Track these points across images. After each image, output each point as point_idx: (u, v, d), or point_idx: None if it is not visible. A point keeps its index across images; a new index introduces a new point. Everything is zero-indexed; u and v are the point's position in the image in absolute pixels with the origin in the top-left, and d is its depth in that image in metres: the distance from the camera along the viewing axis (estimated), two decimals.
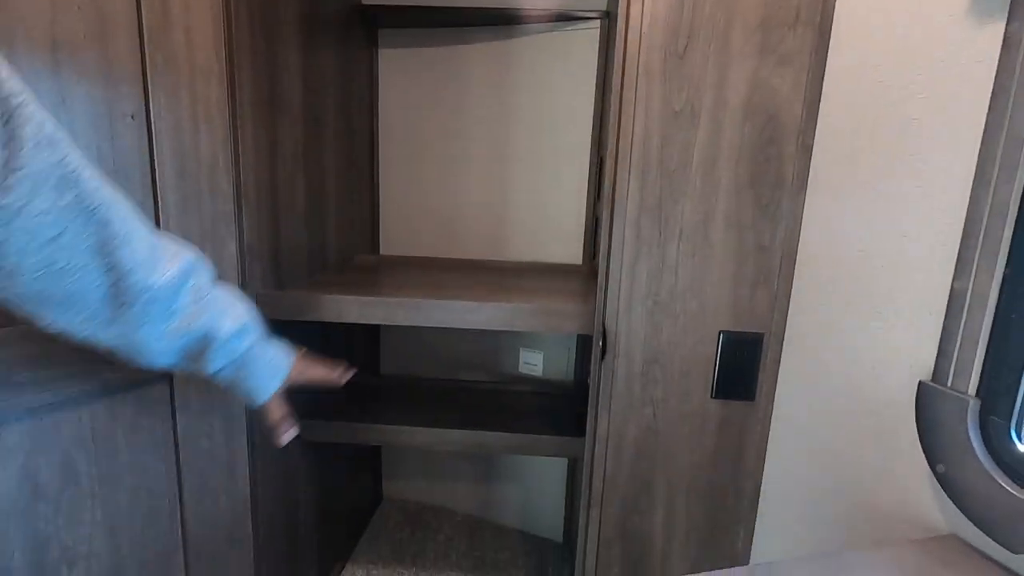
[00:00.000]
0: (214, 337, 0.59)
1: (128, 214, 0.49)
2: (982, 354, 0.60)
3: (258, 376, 0.67)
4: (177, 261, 0.54)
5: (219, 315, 0.60)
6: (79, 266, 0.46)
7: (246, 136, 0.95)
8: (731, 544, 0.99)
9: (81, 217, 0.44)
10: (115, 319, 0.51)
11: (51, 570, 0.77)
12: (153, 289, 0.51)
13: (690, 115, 0.85)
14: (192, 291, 0.56)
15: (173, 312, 0.55)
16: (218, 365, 0.62)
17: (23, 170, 0.40)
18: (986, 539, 0.58)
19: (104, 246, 0.47)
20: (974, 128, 0.59)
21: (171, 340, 0.56)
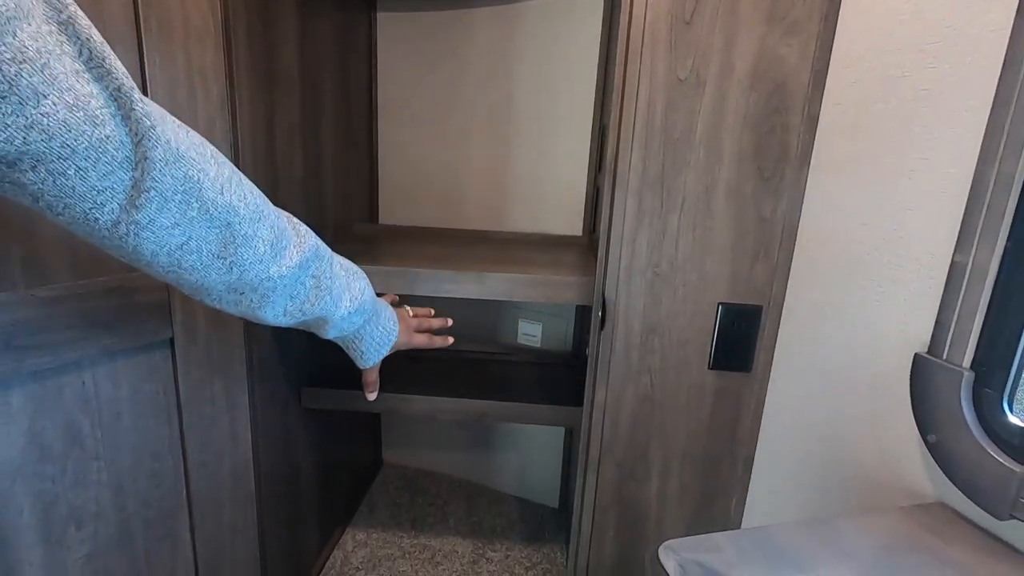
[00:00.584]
0: (330, 317, 0.64)
1: (250, 214, 0.49)
2: (979, 327, 0.60)
3: (367, 347, 0.74)
4: (298, 252, 0.56)
5: (337, 298, 0.63)
6: (205, 265, 0.49)
7: (243, 102, 0.93)
8: (724, 511, 1.01)
9: (204, 225, 0.46)
10: (239, 302, 0.55)
11: (59, 529, 0.78)
12: (274, 279, 0.54)
13: (695, 83, 0.84)
14: (312, 278, 0.59)
15: (293, 296, 0.58)
16: (331, 335, 0.69)
17: (152, 191, 0.41)
18: (973, 506, 0.60)
19: (226, 248, 0.49)
20: (983, 100, 0.59)
21: (290, 317, 0.60)
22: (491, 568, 1.55)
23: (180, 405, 0.91)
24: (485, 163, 1.62)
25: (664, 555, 0.54)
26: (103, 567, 0.84)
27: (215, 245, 0.48)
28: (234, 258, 0.49)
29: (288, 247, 0.55)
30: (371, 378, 0.84)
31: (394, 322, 0.77)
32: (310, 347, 1.37)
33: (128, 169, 0.40)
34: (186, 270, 0.48)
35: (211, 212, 0.46)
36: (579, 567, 1.06)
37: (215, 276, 0.50)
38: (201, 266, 0.48)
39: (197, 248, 0.47)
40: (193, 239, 0.46)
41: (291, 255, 0.55)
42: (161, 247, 0.45)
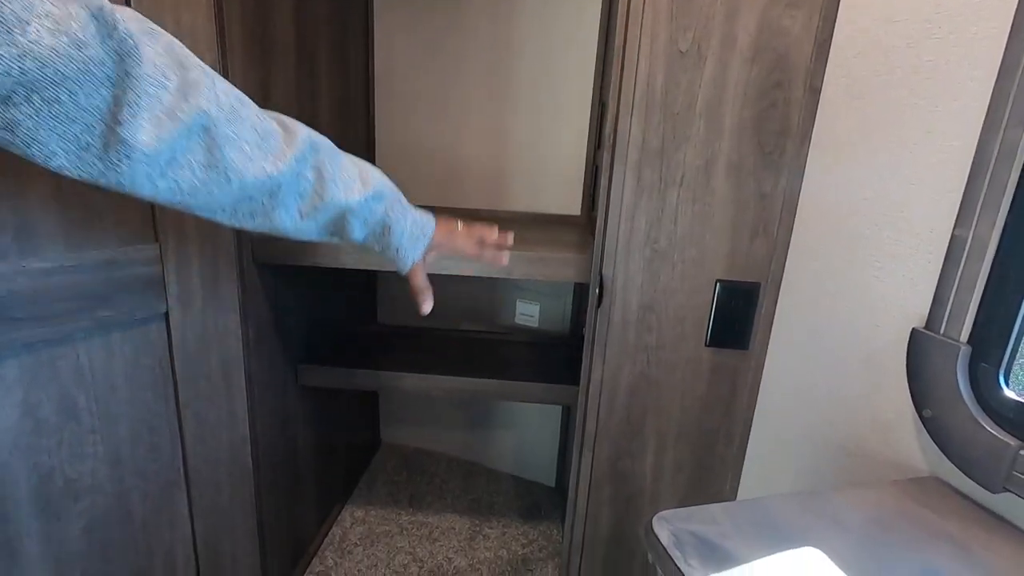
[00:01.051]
0: (347, 207, 0.61)
1: (225, 115, 0.49)
2: (977, 302, 0.60)
3: (401, 241, 0.68)
4: (290, 147, 0.55)
5: (346, 185, 0.61)
6: (203, 181, 0.48)
7: (236, 71, 0.92)
8: (719, 486, 1.02)
9: (182, 135, 0.45)
10: (254, 212, 0.55)
11: (57, 501, 0.79)
12: (274, 177, 0.53)
13: (696, 56, 0.82)
14: (313, 170, 0.58)
15: (301, 194, 0.57)
16: (360, 233, 0.64)
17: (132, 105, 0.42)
18: (966, 480, 0.60)
19: (212, 154, 0.48)
20: (988, 70, 0.58)
21: (307, 220, 0.59)
22: (488, 544, 1.56)
23: (176, 379, 0.90)
24: (484, 141, 1.60)
25: (658, 525, 0.54)
26: (101, 539, 0.85)
27: (200, 154, 0.47)
28: (224, 163, 0.49)
29: (277, 144, 0.54)
30: (419, 283, 0.74)
31: (428, 216, 0.72)
32: (308, 324, 1.37)
33: (110, 86, 0.40)
34: (188, 192, 0.48)
35: (184, 118, 0.45)
36: (575, 542, 1.07)
37: (218, 192, 0.50)
38: (200, 183, 0.48)
39: (186, 163, 0.47)
40: (178, 153, 0.46)
41: (283, 151, 0.54)
42: (153, 169, 0.45)
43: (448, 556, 1.51)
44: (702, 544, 0.52)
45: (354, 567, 1.46)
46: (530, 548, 1.56)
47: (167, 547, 0.96)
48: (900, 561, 0.52)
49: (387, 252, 0.69)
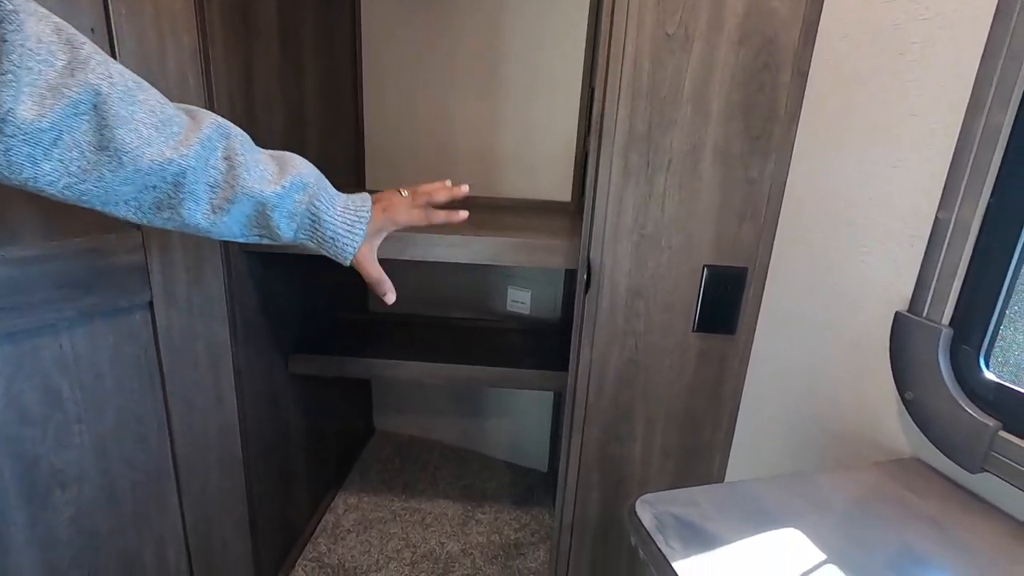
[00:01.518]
0: (263, 199, 0.56)
1: (119, 94, 0.46)
2: (959, 285, 0.60)
3: (336, 230, 0.63)
4: (195, 132, 0.51)
5: (262, 176, 0.56)
6: (93, 164, 0.45)
7: (216, 55, 0.90)
8: (707, 470, 1.03)
9: (68, 112, 0.43)
10: (159, 203, 0.51)
11: (43, 490, 0.78)
12: (176, 162, 0.49)
13: (683, 38, 0.81)
14: (223, 159, 0.54)
15: (210, 184, 0.53)
16: (288, 228, 0.60)
17: (8, 74, 0.39)
18: (946, 461, 0.61)
19: (102, 135, 0.45)
20: (973, 52, 0.57)
21: (222, 214, 0.54)
22: (480, 529, 1.58)
23: (162, 368, 0.90)
24: (474, 127, 1.58)
25: (641, 508, 0.54)
26: (89, 528, 0.85)
27: (89, 134, 0.44)
28: (116, 144, 0.46)
29: (180, 129, 0.50)
30: (372, 273, 0.69)
31: (363, 197, 0.66)
32: (298, 312, 1.36)
33: None
34: (76, 174, 0.45)
35: (70, 94, 0.42)
36: (564, 525, 1.08)
37: (111, 176, 0.46)
38: (90, 165, 0.45)
39: (73, 143, 0.44)
40: (64, 133, 0.43)
41: (186, 135, 0.50)
42: (35, 149, 0.42)
43: (441, 541, 1.52)
44: (684, 527, 0.52)
45: (347, 553, 1.47)
46: (522, 532, 1.57)
47: (157, 535, 0.96)
48: (879, 541, 0.53)
49: (324, 246, 0.63)
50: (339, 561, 1.44)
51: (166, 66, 0.80)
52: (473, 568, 1.44)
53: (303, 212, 0.61)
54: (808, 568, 0.48)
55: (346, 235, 0.64)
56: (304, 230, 0.62)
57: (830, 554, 0.50)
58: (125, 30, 0.75)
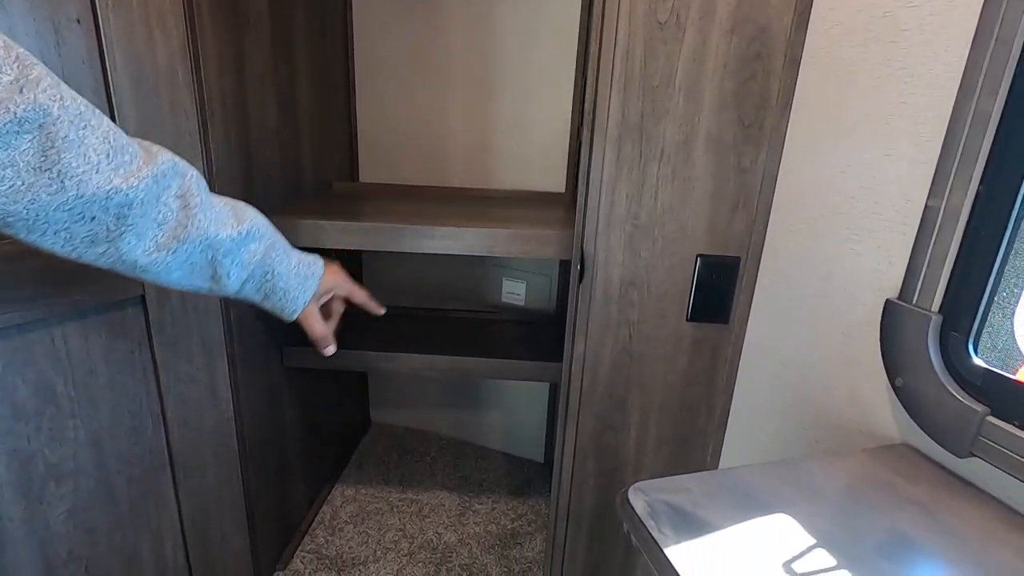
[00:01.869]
0: (217, 245, 0.55)
1: (70, 117, 0.44)
2: (948, 272, 0.60)
3: (287, 285, 0.62)
4: (148, 166, 0.49)
5: (218, 221, 0.55)
6: (27, 184, 0.42)
7: (207, 48, 0.89)
8: (701, 458, 1.03)
9: (11, 130, 0.40)
10: (94, 234, 0.47)
11: (38, 485, 0.79)
12: (124, 192, 0.46)
13: (675, 26, 0.81)
14: (177, 198, 0.51)
15: (158, 221, 0.50)
16: (237, 278, 0.58)
17: None
18: (935, 446, 0.61)
19: (46, 156, 0.42)
20: (964, 38, 0.57)
21: (166, 253, 0.52)
22: (477, 519, 1.59)
23: (156, 363, 0.90)
24: (467, 119, 1.58)
25: (633, 496, 0.55)
26: (85, 522, 0.85)
27: (31, 154, 0.42)
28: (60, 167, 0.43)
29: (133, 159, 0.48)
30: (319, 329, 0.69)
31: (314, 256, 0.68)
32: None
33: None
34: (6, 194, 0.41)
35: (14, 110, 0.40)
36: (560, 515, 1.09)
37: (47, 199, 0.43)
38: (24, 185, 0.42)
39: (10, 160, 0.41)
40: (1, 149, 0.40)
41: (139, 167, 0.48)
42: None
43: (438, 532, 1.53)
44: (676, 513, 0.53)
45: (345, 544, 1.48)
46: (519, 522, 1.59)
47: (154, 529, 0.96)
48: (868, 525, 0.53)
49: (272, 297, 0.63)
50: (337, 552, 1.45)
51: (155, 59, 0.80)
52: (470, 558, 1.45)
53: (257, 262, 0.59)
54: (798, 553, 0.49)
55: (298, 288, 0.64)
56: (254, 280, 0.60)
57: (820, 539, 0.50)
58: (112, 22, 0.74)
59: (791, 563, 0.47)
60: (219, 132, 0.94)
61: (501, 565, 1.43)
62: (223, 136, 0.96)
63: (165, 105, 0.83)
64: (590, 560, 1.14)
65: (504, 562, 1.44)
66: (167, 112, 0.83)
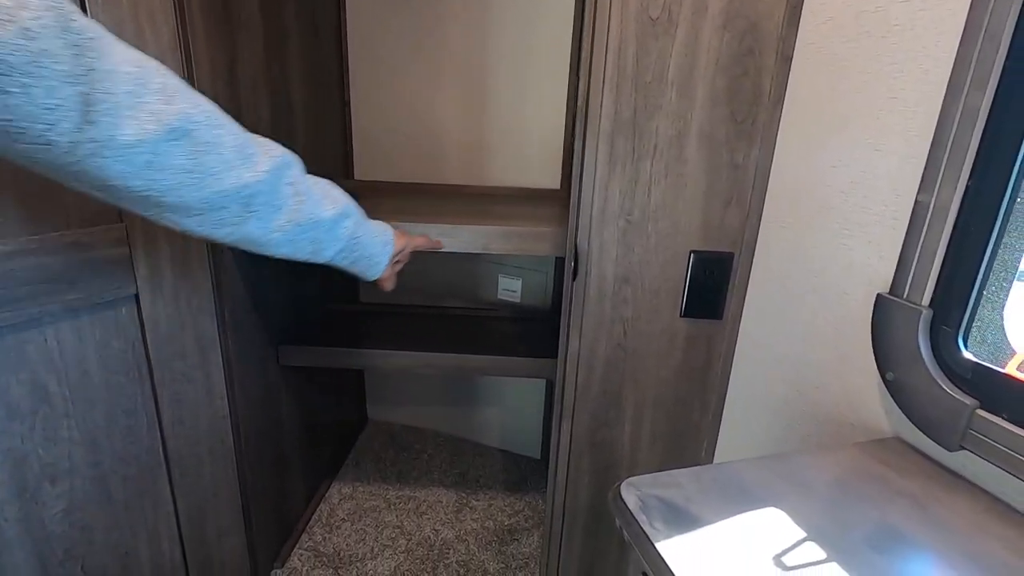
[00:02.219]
0: (320, 225, 0.64)
1: (207, 119, 0.49)
2: (938, 266, 0.61)
3: (368, 255, 0.74)
4: (268, 158, 0.56)
5: (319, 204, 0.63)
6: (179, 183, 0.48)
7: (198, 45, 0.89)
8: (695, 453, 1.04)
9: (164, 138, 0.45)
10: (220, 222, 0.54)
11: (33, 485, 0.79)
12: (251, 186, 0.54)
13: (667, 22, 0.81)
14: (289, 185, 0.59)
15: (277, 207, 0.58)
16: (331, 251, 0.68)
17: (104, 103, 0.41)
18: (926, 440, 0.62)
19: (192, 159, 0.48)
20: (953, 34, 0.57)
21: (283, 233, 0.60)
22: (474, 516, 1.59)
23: (150, 361, 0.90)
24: (462, 115, 1.57)
25: (626, 491, 0.55)
26: (81, 522, 0.85)
27: (181, 158, 0.47)
28: (203, 169, 0.49)
29: (256, 153, 0.55)
30: (389, 285, 0.84)
31: (385, 225, 0.79)
32: (288, 303, 1.36)
33: (72, 83, 0.39)
34: (161, 191, 0.48)
35: (166, 122, 0.45)
36: (555, 511, 1.10)
37: (191, 195, 0.50)
38: (176, 184, 0.48)
39: (167, 165, 0.47)
40: (158, 155, 0.45)
41: (261, 161, 0.55)
42: (129, 166, 0.44)
43: (435, 528, 1.54)
44: (667, 508, 0.53)
45: (342, 542, 1.48)
46: (516, 519, 1.59)
47: (150, 527, 0.96)
48: (859, 518, 0.54)
49: (358, 263, 0.74)
50: (334, 550, 1.45)
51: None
52: (467, 554, 1.45)
53: (348, 236, 0.69)
54: (789, 546, 0.49)
55: (380, 254, 0.76)
56: (345, 251, 0.70)
57: (811, 532, 0.51)
58: (101, 20, 0.73)
59: (782, 556, 0.48)
60: None
61: (498, 561, 1.44)
62: None
63: None
64: (586, 555, 1.14)
65: (501, 558, 1.45)
66: None
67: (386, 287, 0.85)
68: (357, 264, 0.74)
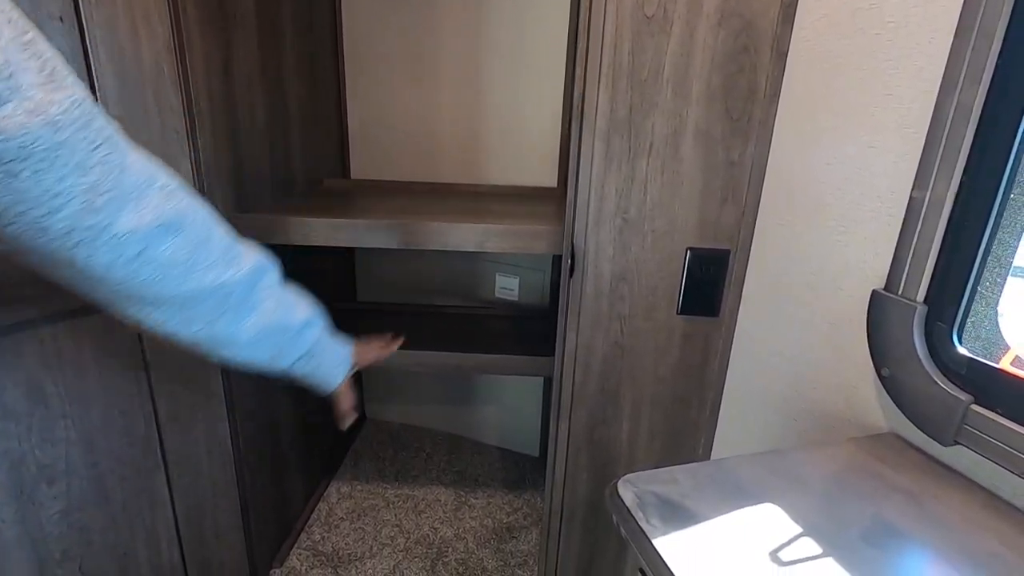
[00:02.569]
0: (287, 331, 0.63)
1: (203, 218, 0.51)
2: (933, 262, 0.61)
3: (327, 366, 0.73)
4: (250, 259, 0.57)
5: (289, 311, 0.63)
6: (162, 276, 0.48)
7: (193, 44, 0.89)
8: (692, 450, 1.04)
9: (161, 232, 0.46)
10: (197, 316, 0.53)
11: (30, 486, 0.78)
12: (229, 284, 0.54)
13: (663, 20, 0.81)
14: (267, 288, 0.59)
15: (250, 308, 0.58)
16: (292, 358, 0.67)
17: (110, 192, 0.42)
18: (921, 435, 0.62)
19: (183, 252, 0.49)
20: (947, 30, 0.58)
21: (250, 335, 0.59)
22: (473, 514, 1.59)
23: (147, 362, 0.90)
24: (458, 114, 1.57)
25: (622, 488, 0.55)
26: (79, 522, 0.85)
27: (169, 252, 0.47)
28: (189, 264, 0.49)
29: (241, 254, 0.56)
30: (347, 406, 0.81)
31: (347, 340, 0.78)
32: None
33: (83, 174, 0.40)
34: (141, 283, 0.47)
35: (163, 215, 0.46)
36: (554, 508, 1.10)
37: (171, 286, 0.49)
38: (160, 276, 0.48)
39: (153, 257, 0.46)
40: (150, 247, 0.46)
41: (244, 261, 0.56)
42: (117, 257, 0.44)
43: (434, 526, 1.54)
44: (664, 504, 0.53)
45: (341, 540, 1.48)
46: (515, 516, 1.59)
47: (149, 527, 0.96)
48: (854, 513, 0.54)
49: (316, 375, 0.72)
50: (333, 549, 1.45)
51: (140, 56, 0.79)
52: (466, 552, 1.46)
53: (310, 346, 0.68)
54: (785, 541, 0.49)
55: (338, 367, 0.75)
56: (304, 361, 0.69)
57: (806, 528, 0.51)
58: (95, 19, 0.73)
59: (778, 552, 0.48)
60: (206, 129, 0.94)
61: (497, 559, 1.44)
62: (210, 133, 0.96)
63: (151, 102, 0.82)
64: (584, 552, 1.14)
65: (500, 555, 1.45)
66: (153, 109, 0.83)
67: (344, 409, 0.81)
68: (315, 374, 0.72)
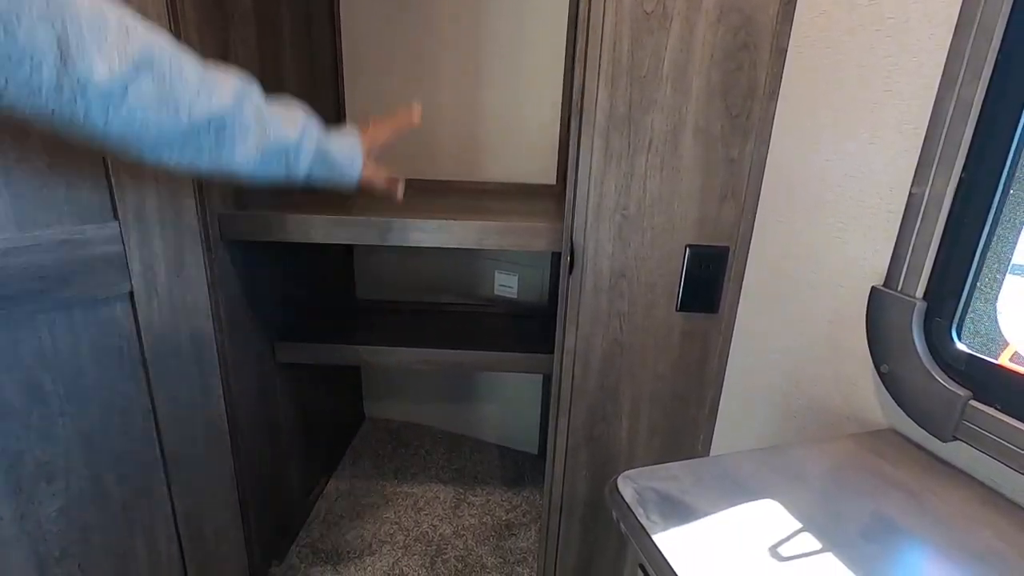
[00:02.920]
0: (287, 145, 0.67)
1: (170, 49, 0.53)
2: (932, 258, 0.61)
3: (341, 163, 0.75)
4: (229, 86, 0.59)
5: (281, 125, 0.66)
6: (154, 119, 0.52)
7: (190, 42, 0.88)
8: (692, 447, 1.04)
9: (131, 71, 0.49)
10: (198, 150, 0.58)
11: (29, 484, 0.78)
12: (220, 114, 0.57)
13: (662, 16, 0.81)
14: (252, 109, 0.62)
15: (246, 132, 0.61)
16: (303, 168, 0.71)
17: (77, 42, 0.45)
18: (920, 431, 0.62)
19: (161, 88, 0.52)
20: (947, 26, 0.58)
21: (252, 157, 0.63)
22: (472, 512, 1.59)
23: (145, 359, 0.89)
24: (457, 111, 1.57)
25: (622, 484, 0.55)
26: (78, 520, 0.85)
27: (150, 89, 0.51)
28: (173, 97, 0.53)
29: (217, 80, 0.58)
30: (380, 182, 0.84)
31: (348, 129, 0.79)
32: (284, 301, 1.36)
33: (47, 24, 0.43)
34: (140, 124, 0.51)
35: (130, 55, 0.48)
36: (553, 505, 1.10)
37: (168, 126, 0.54)
38: (154, 115, 0.52)
39: (138, 99, 0.50)
40: (131, 87, 0.49)
41: (224, 88, 0.58)
42: (107, 106, 0.48)
43: (433, 524, 1.54)
44: (664, 500, 0.53)
45: (340, 538, 1.48)
46: (514, 514, 1.60)
47: (148, 525, 0.96)
48: (853, 509, 0.54)
49: (335, 171, 0.76)
50: (332, 546, 1.45)
51: None
52: (465, 549, 1.46)
53: (315, 149, 0.71)
54: (784, 537, 0.49)
55: (352, 156, 0.77)
56: (317, 164, 0.72)
57: (805, 523, 0.51)
58: None
59: (777, 547, 0.48)
60: None
61: (496, 556, 1.44)
62: None
63: None
64: (584, 549, 1.15)
65: (499, 553, 1.45)
66: None
67: (379, 186, 0.83)
68: (333, 174, 0.76)
